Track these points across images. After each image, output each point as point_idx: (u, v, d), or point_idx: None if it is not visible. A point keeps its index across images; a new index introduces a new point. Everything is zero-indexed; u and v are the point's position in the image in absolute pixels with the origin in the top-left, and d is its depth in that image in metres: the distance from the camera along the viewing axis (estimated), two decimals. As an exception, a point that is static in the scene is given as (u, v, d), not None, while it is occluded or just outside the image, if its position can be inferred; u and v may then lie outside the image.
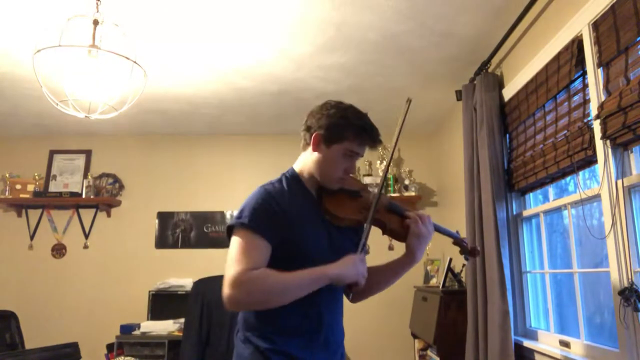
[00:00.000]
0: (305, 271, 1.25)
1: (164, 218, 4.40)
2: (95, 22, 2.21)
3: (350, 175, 1.48)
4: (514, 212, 2.70)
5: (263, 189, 1.37)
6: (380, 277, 1.49)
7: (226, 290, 1.20)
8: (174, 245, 4.35)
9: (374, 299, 1.54)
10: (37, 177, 4.34)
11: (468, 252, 1.62)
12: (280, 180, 1.43)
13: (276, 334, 1.33)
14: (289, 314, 1.31)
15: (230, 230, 1.32)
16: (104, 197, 4.32)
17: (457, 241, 1.62)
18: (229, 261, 1.25)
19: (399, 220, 1.47)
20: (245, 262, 1.22)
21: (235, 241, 1.28)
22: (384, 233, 1.48)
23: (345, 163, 1.40)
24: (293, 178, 1.44)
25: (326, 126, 1.38)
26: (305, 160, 1.45)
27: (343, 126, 1.37)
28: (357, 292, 1.30)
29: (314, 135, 1.40)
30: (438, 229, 1.56)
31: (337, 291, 1.44)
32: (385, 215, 1.46)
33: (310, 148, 1.42)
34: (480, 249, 1.75)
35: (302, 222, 1.36)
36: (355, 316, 4.23)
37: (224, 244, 4.07)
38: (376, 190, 1.44)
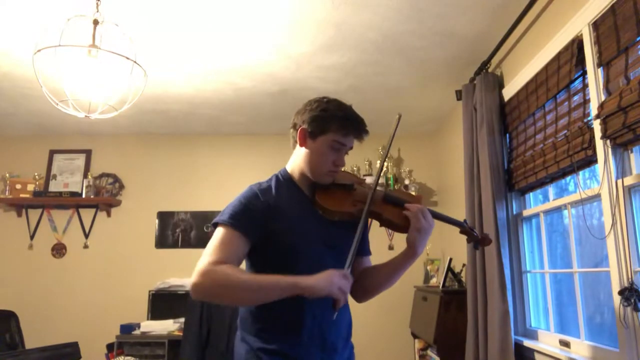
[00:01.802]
0: (275, 277, 1.23)
1: (164, 218, 4.40)
2: (95, 22, 2.21)
3: (345, 170, 1.48)
4: (514, 212, 2.70)
5: (249, 188, 1.41)
6: (382, 275, 1.48)
7: (192, 278, 1.23)
8: (174, 245, 4.35)
9: (374, 299, 1.53)
10: (37, 176, 4.34)
11: (478, 240, 1.49)
12: (269, 180, 1.45)
13: (269, 332, 1.34)
14: (281, 310, 1.31)
15: (215, 227, 1.35)
16: (104, 197, 4.32)
17: (465, 230, 1.49)
18: (203, 253, 1.28)
19: (396, 211, 1.41)
20: (215, 255, 1.25)
21: (214, 236, 1.31)
22: (381, 225, 1.45)
23: (332, 155, 1.41)
24: (284, 177, 1.47)
25: (309, 120, 1.41)
26: (295, 158, 1.47)
27: (326, 118, 1.39)
28: (337, 309, 1.23)
29: (299, 130, 1.42)
30: (442, 218, 1.50)
31: None
32: (380, 206, 1.42)
33: (298, 145, 1.45)
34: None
35: (289, 216, 1.37)
36: (356, 316, 4.23)
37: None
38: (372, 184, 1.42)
